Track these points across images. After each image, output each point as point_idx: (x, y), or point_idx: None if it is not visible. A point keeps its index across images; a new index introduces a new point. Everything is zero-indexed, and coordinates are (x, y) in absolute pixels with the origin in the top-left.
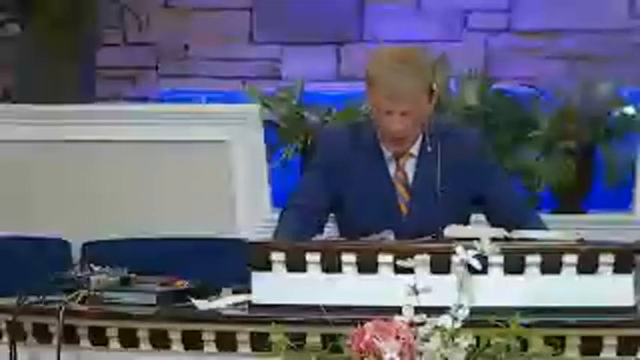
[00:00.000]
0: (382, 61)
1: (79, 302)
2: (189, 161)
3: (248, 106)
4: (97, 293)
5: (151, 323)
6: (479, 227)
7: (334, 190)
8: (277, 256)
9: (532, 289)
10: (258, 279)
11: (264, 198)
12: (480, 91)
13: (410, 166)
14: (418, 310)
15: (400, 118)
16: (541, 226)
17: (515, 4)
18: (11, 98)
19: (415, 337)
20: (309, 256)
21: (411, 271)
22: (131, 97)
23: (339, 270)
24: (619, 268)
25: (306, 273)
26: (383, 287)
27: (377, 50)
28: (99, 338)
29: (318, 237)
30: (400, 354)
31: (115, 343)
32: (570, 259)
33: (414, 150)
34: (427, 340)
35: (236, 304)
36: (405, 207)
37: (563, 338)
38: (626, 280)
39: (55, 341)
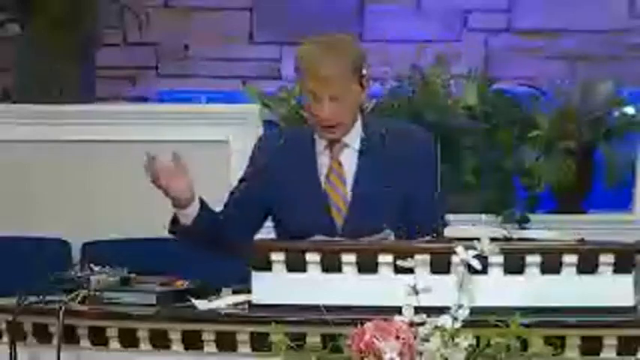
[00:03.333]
0: (307, 48)
1: (79, 302)
2: (189, 161)
3: (248, 106)
4: (97, 293)
5: (151, 323)
6: (479, 227)
7: (263, 196)
8: (277, 256)
9: (532, 289)
10: (258, 279)
11: None
12: (480, 91)
13: (346, 157)
14: (418, 310)
15: (329, 103)
16: None
17: (515, 4)
18: (11, 98)
19: (415, 337)
20: (309, 256)
21: (411, 271)
22: (131, 97)
23: (339, 270)
24: (619, 268)
25: (306, 273)
26: (383, 287)
27: (305, 40)
28: (99, 338)
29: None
30: (400, 354)
31: (115, 343)
32: (570, 259)
33: (349, 140)
34: (427, 340)
35: (236, 304)
36: (337, 211)
37: (563, 338)
38: (626, 280)
39: (55, 341)
